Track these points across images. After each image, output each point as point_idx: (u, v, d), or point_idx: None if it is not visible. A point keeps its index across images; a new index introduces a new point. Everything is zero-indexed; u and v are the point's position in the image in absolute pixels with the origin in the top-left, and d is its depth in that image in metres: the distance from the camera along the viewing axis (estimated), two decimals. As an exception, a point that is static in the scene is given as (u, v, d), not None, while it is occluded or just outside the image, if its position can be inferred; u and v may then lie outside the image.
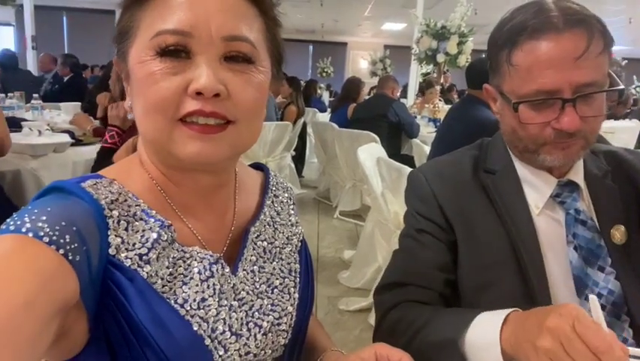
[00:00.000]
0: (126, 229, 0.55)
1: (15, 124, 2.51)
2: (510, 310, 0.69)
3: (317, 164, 5.68)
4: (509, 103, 0.82)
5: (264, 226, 0.71)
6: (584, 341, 0.55)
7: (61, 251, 0.46)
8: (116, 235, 0.54)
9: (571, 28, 0.76)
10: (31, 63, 7.89)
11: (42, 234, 0.46)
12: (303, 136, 5.61)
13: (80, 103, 4.14)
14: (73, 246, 0.47)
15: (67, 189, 0.54)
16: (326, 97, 10.13)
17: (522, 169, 0.90)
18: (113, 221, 0.54)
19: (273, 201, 0.75)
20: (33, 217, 0.47)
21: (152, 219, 0.57)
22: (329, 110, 7.10)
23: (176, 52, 0.54)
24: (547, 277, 0.84)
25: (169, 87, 0.53)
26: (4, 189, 2.07)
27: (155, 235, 0.56)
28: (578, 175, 0.90)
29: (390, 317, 0.86)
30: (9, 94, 3.59)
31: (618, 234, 0.85)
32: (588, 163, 0.91)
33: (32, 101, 3.33)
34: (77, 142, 2.65)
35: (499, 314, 0.69)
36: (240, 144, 0.58)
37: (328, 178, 4.97)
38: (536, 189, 0.89)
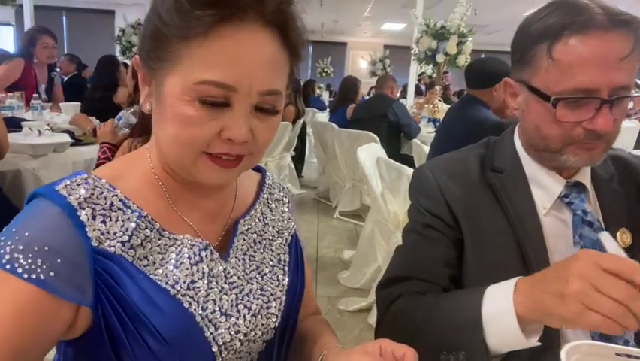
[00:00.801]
0: (103, 222, 0.60)
1: (15, 124, 2.50)
2: (516, 278, 0.70)
3: (317, 164, 5.69)
4: (544, 98, 0.80)
5: (255, 220, 0.76)
6: (613, 271, 0.56)
7: (33, 276, 0.54)
8: (93, 229, 0.59)
9: (617, 28, 0.75)
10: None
11: (17, 265, 0.54)
12: (302, 136, 5.61)
13: (79, 103, 4.14)
14: (45, 266, 0.54)
15: (44, 195, 0.59)
16: (326, 97, 10.11)
17: (530, 169, 0.90)
18: (87, 218, 0.59)
19: (268, 199, 0.81)
20: (13, 246, 0.55)
21: (130, 210, 0.62)
22: (328, 108, 7.10)
23: (216, 102, 0.57)
24: None
25: (204, 131, 0.58)
26: (2, 189, 2.07)
27: (133, 225, 0.61)
28: (585, 177, 0.89)
29: (393, 309, 0.85)
30: (9, 94, 3.59)
31: (623, 237, 0.86)
32: (596, 166, 0.91)
33: (32, 101, 3.32)
34: (77, 142, 2.66)
35: (508, 284, 0.70)
36: (250, 167, 0.67)
37: (328, 178, 4.97)
38: (544, 189, 0.88)
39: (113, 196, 0.61)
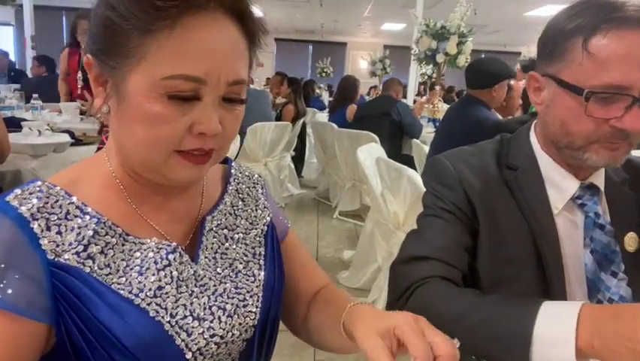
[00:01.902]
0: (59, 233, 0.57)
1: (15, 124, 2.50)
2: (579, 303, 0.65)
3: (316, 164, 5.69)
4: (576, 92, 0.78)
5: (225, 215, 0.73)
6: None
7: None
8: (48, 241, 0.56)
9: None
10: (31, 63, 7.89)
11: None
12: (302, 136, 5.61)
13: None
14: (2, 284, 0.52)
15: None
16: (326, 97, 10.12)
17: (546, 168, 0.89)
18: (41, 230, 0.56)
19: (237, 190, 0.77)
20: None
21: (88, 216, 0.59)
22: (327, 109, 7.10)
23: (186, 96, 0.55)
24: (565, 278, 0.83)
25: (175, 128, 0.56)
26: (2, 189, 2.07)
27: (90, 232, 0.58)
28: (599, 179, 0.89)
29: (420, 292, 0.80)
30: (9, 94, 3.59)
31: (631, 241, 0.86)
32: (608, 169, 0.91)
33: (32, 101, 3.32)
34: (77, 142, 2.65)
35: (569, 310, 0.65)
36: (218, 161, 0.65)
37: (328, 178, 4.97)
38: (558, 189, 0.87)
39: (69, 204, 0.58)
